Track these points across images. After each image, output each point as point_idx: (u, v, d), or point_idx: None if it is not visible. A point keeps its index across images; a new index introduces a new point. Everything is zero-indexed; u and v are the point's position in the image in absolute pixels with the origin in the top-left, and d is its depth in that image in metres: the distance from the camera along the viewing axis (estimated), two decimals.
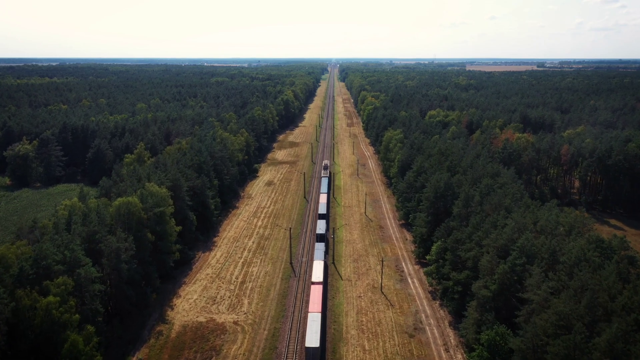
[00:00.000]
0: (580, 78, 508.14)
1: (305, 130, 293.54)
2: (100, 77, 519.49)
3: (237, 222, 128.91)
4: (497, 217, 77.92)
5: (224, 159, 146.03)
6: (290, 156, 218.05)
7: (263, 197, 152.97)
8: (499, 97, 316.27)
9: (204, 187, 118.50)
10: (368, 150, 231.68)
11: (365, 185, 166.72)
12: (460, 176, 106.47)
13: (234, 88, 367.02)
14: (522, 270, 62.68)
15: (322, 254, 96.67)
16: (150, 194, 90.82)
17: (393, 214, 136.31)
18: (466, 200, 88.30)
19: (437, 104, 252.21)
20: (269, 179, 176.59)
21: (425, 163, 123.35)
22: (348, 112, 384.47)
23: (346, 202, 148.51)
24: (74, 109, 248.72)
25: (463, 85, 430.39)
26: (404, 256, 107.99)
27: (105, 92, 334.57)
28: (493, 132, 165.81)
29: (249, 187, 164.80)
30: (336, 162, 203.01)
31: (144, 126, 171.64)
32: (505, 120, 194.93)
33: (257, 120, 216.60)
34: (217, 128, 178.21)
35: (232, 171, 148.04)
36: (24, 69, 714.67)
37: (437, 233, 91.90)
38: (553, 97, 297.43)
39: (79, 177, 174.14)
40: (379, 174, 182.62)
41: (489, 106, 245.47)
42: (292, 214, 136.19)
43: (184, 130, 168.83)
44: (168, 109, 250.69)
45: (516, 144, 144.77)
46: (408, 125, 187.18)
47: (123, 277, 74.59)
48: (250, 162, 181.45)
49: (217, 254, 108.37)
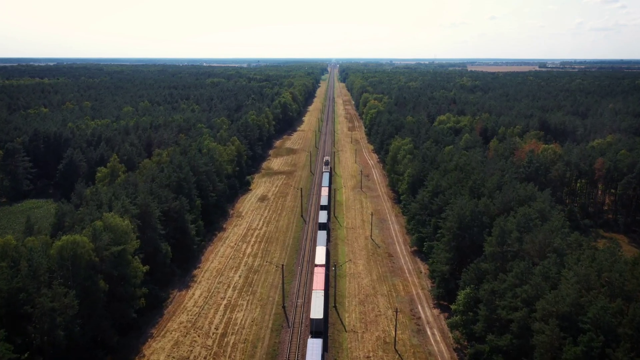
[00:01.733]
0: (589, 79, 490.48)
1: (304, 135, 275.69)
2: (92, 78, 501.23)
3: (222, 249, 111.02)
4: (548, 265, 60.11)
5: (210, 173, 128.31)
6: (287, 165, 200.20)
7: (255, 215, 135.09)
8: (508, 99, 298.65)
9: (183, 210, 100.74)
10: (371, 158, 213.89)
11: (370, 201, 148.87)
12: (486, 200, 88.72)
13: (229, 90, 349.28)
14: (600, 356, 44.98)
15: (325, 241, 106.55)
16: (109, 228, 73.05)
17: (403, 238, 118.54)
18: (501, 236, 70.55)
19: (445, 107, 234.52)
20: (262, 192, 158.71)
21: (442, 181, 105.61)
22: (349, 115, 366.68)
23: (349, 221, 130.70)
24: (54, 112, 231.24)
25: (468, 86, 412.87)
26: (419, 296, 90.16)
27: (93, 94, 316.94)
28: (512, 140, 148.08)
29: (240, 203, 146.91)
30: (337, 173, 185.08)
31: (123, 134, 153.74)
32: (523, 126, 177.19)
33: (250, 126, 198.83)
34: (206, 136, 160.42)
35: (219, 187, 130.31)
36: (17, 69, 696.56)
37: (465, 276, 74.19)
38: (567, 100, 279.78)
39: (51, 190, 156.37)
40: (384, 187, 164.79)
41: (502, 110, 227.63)
42: (286, 238, 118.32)
43: (168, 139, 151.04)
44: (156, 112, 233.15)
45: (542, 156, 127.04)
46: (417, 133, 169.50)
47: (60, 346, 56.86)
48: (242, 174, 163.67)
49: (195, 292, 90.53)
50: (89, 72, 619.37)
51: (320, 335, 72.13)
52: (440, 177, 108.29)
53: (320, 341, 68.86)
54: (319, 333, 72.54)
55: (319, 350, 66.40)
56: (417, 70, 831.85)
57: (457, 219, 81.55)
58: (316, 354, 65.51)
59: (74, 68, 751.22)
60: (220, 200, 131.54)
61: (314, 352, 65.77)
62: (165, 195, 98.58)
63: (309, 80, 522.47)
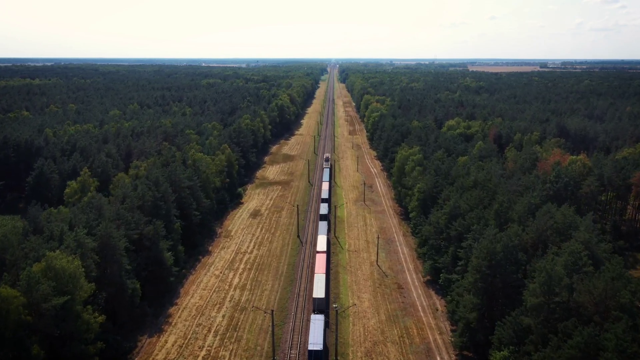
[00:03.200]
0: (597, 80, 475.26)
1: (302, 140, 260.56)
2: (85, 79, 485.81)
3: (206, 279, 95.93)
4: (621, 333, 45.16)
5: (195, 188, 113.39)
6: (284, 174, 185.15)
7: (245, 235, 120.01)
8: (517, 101, 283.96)
9: (158, 236, 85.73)
10: (374, 165, 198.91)
11: (375, 217, 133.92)
12: (517, 228, 73.86)
13: (224, 91, 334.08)
14: None
15: (325, 230, 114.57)
16: (53, 271, 58.09)
17: (414, 264, 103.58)
18: (548, 284, 55.64)
19: (453, 111, 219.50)
20: (255, 206, 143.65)
21: (461, 201, 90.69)
22: (349, 118, 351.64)
23: (351, 242, 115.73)
24: (36, 116, 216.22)
25: (473, 87, 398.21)
26: (437, 343, 75.17)
27: (81, 96, 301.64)
28: (532, 150, 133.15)
29: (229, 219, 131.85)
30: (338, 184, 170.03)
31: (101, 142, 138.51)
32: (540, 132, 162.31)
33: (244, 131, 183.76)
34: (193, 144, 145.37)
35: (205, 204, 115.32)
36: (10, 69, 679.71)
37: (500, 331, 59.25)
38: (580, 103, 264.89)
39: (22, 205, 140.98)
40: (390, 200, 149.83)
41: (514, 114, 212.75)
42: (280, 264, 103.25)
43: (150, 148, 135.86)
44: (145, 116, 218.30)
45: (571, 169, 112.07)
46: (425, 140, 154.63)
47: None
48: (232, 186, 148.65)
49: (169, 339, 75.45)
50: (83, 73, 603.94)
51: (322, 312, 79.78)
52: (457, 196, 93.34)
53: (322, 317, 77.15)
54: (321, 311, 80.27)
55: (321, 326, 74.09)
56: (418, 70, 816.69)
57: (487, 256, 66.55)
58: (319, 330, 72.76)
59: (68, 68, 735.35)
60: (206, 219, 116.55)
61: (317, 328, 73.07)
62: (135, 220, 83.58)
63: (307, 81, 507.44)
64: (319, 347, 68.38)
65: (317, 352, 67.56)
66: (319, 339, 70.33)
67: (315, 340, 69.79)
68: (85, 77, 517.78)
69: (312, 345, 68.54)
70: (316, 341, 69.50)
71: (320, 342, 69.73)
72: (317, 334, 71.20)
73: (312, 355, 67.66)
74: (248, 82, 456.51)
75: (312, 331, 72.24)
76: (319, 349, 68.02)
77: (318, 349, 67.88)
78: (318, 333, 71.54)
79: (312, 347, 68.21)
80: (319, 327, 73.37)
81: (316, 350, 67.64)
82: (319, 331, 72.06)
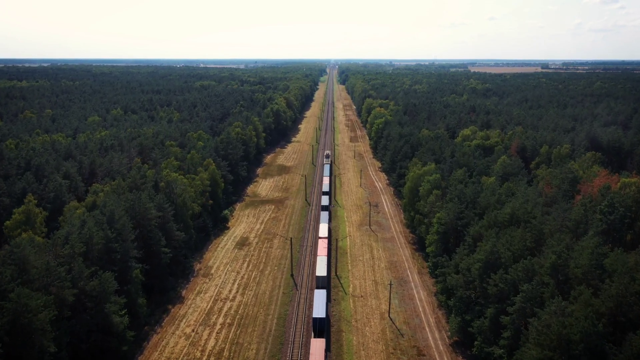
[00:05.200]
0: (609, 82, 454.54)
1: (300, 148, 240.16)
2: (74, 81, 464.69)
3: (173, 341, 75.46)
4: None
5: (167, 218, 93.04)
6: (278, 189, 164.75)
7: (228, 274, 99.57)
8: (531, 106, 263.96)
9: (104, 295, 65.32)
10: (379, 178, 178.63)
11: (383, 246, 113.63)
12: (588, 295, 53.70)
13: (216, 95, 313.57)
14: None
15: (327, 219, 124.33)
16: None
17: (435, 316, 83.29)
18: None
19: (466, 117, 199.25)
20: (243, 232, 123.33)
21: (499, 245, 70.40)
22: (350, 122, 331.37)
23: (356, 283, 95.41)
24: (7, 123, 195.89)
25: (480, 90, 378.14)
26: None
27: (62, 100, 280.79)
28: (569, 168, 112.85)
29: (211, 250, 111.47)
30: (339, 202, 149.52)
31: (60, 159, 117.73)
32: (571, 145, 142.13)
33: (233, 142, 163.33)
34: (171, 160, 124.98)
35: (178, 237, 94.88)
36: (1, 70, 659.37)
37: None
38: (599, 107, 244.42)
39: None
40: (399, 224, 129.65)
41: (533, 121, 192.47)
42: (268, 318, 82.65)
43: (119, 165, 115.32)
44: (127, 123, 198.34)
45: (624, 195, 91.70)
46: (439, 154, 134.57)
47: None
48: (217, 208, 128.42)
49: None
50: (75, 74, 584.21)
51: (324, 288, 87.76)
52: (493, 238, 73.02)
53: (324, 291, 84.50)
54: (322, 287, 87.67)
55: (323, 299, 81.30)
56: (420, 71, 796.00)
57: (558, 345, 46.22)
58: (322, 302, 79.69)
59: (60, 70, 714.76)
60: (179, 255, 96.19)
61: (320, 300, 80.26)
62: (75, 275, 63.27)
63: (306, 83, 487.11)
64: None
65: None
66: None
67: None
68: (75, 78, 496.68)
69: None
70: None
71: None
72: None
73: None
74: (244, 84, 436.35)
75: (315, 305, 75.03)
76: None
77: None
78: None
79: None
80: (322, 302, 77.89)
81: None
82: (322, 305, 74.85)
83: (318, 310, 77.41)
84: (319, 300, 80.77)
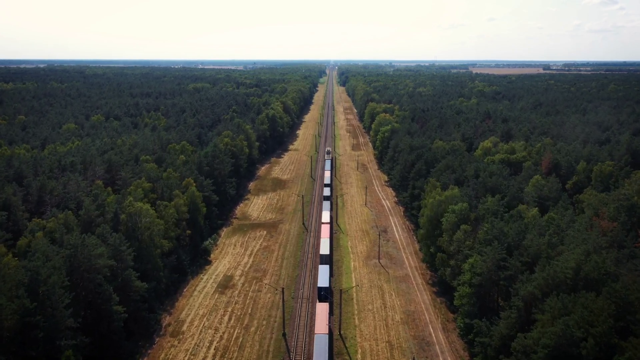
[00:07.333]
0: (622, 84, 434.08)
1: (297, 158, 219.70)
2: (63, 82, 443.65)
3: None
4: None
5: (124, 265, 72.56)
6: (272, 210, 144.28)
7: (204, 332, 79.05)
8: (548, 111, 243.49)
9: None
10: (386, 195, 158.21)
11: (396, 289, 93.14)
12: None
13: (209, 99, 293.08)
14: None
15: (329, 209, 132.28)
16: None
17: None
18: None
19: (481, 125, 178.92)
20: (227, 269, 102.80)
21: (571, 322, 50.09)
22: (352, 127, 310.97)
23: (365, 347, 74.93)
24: None
25: (488, 92, 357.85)
26: None
27: (40, 105, 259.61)
28: (624, 193, 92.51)
29: (186, 296, 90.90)
30: (341, 227, 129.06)
31: (4, 181, 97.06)
32: (610, 160, 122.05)
33: (220, 155, 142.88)
34: (142, 181, 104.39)
35: (139, 288, 74.37)
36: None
37: None
38: (624, 114, 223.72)
39: None
40: (413, 255, 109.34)
41: (555, 129, 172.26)
42: None
43: (75, 191, 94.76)
44: (105, 132, 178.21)
45: None
46: (460, 173, 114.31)
47: None
48: (197, 239, 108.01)
49: None
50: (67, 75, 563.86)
51: (327, 264, 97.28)
52: (560, 307, 52.66)
53: (327, 267, 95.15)
54: (326, 263, 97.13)
55: (327, 272, 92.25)
56: (422, 73, 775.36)
57: None
58: (325, 274, 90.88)
59: (51, 71, 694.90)
60: (141, 309, 75.75)
61: (324, 273, 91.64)
62: None
63: (305, 85, 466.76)
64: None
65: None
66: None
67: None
68: (64, 80, 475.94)
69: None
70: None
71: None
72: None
73: None
74: (239, 86, 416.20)
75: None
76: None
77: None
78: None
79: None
80: (325, 274, 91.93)
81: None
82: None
83: (323, 280, 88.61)
84: (323, 273, 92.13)
